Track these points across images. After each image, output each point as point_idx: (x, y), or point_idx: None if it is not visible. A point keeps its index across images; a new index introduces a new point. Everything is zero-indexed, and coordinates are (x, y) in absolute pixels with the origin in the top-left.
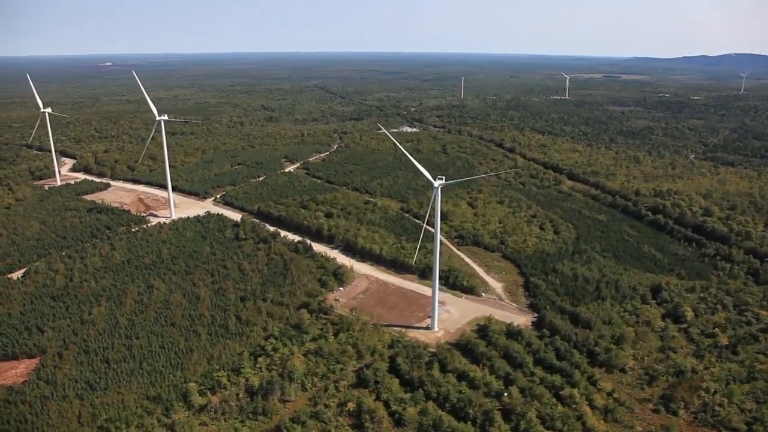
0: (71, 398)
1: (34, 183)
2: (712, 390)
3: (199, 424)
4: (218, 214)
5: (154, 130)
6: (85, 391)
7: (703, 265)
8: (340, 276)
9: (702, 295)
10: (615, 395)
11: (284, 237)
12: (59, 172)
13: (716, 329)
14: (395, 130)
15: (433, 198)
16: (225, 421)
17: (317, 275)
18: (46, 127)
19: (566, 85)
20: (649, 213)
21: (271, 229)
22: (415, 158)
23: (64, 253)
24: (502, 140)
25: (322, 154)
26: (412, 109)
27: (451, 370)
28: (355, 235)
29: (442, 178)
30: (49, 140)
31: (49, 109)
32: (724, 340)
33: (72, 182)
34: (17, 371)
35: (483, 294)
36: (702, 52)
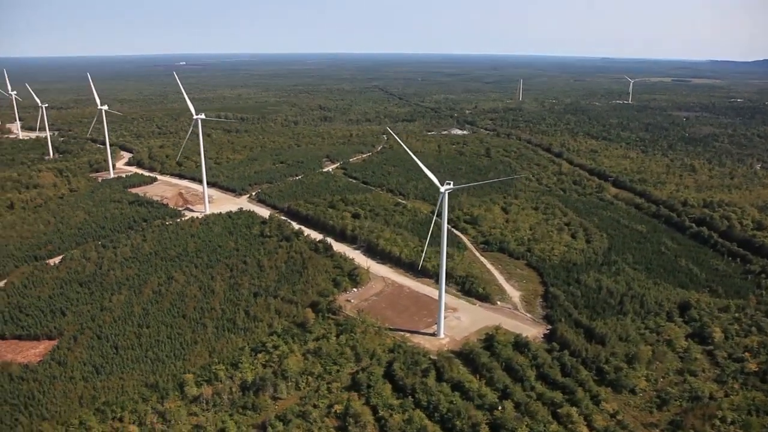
0: (77, 380)
1: (90, 175)
2: (729, 419)
3: (189, 414)
4: (249, 210)
5: (191, 128)
6: (91, 375)
7: (744, 282)
8: (354, 277)
9: (736, 315)
10: (618, 417)
11: (308, 235)
12: (113, 166)
13: (746, 353)
14: (445, 132)
15: (439, 202)
16: (214, 414)
17: (332, 275)
18: (102, 123)
19: (630, 89)
20: (693, 225)
21: (296, 227)
22: (457, 161)
23: (100, 242)
24: (550, 145)
25: (364, 155)
26: (467, 111)
27: (447, 379)
28: (377, 237)
29: (449, 183)
30: (110, 135)
31: (105, 107)
32: (752, 366)
33: (123, 175)
34: (36, 351)
35: (498, 302)
36: None
